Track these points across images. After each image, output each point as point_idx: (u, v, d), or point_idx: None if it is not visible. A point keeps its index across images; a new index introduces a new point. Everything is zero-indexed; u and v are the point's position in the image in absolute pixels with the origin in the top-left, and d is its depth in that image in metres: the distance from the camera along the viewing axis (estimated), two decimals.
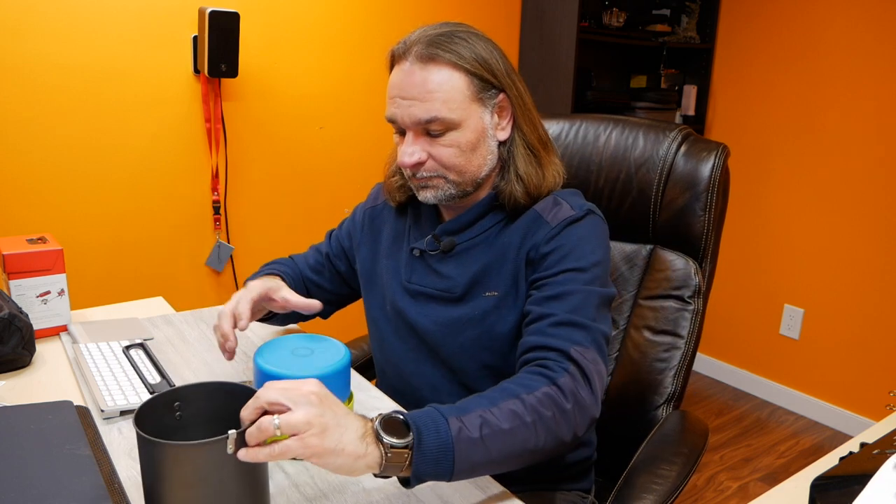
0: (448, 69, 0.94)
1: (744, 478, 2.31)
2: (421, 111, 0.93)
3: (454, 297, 1.02)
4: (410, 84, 0.94)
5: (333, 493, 0.82)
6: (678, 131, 1.23)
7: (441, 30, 0.97)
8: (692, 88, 2.92)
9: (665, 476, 0.95)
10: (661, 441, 1.06)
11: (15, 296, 1.18)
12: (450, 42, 0.95)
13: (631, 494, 0.93)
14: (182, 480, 0.67)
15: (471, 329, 1.01)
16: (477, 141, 0.98)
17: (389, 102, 0.97)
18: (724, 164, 1.18)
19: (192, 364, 1.16)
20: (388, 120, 0.99)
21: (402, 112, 0.95)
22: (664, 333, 1.20)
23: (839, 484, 0.73)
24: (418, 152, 0.97)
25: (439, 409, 0.76)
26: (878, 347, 2.50)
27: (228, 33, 1.92)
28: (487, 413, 0.77)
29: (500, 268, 1.00)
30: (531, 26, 2.64)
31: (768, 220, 2.79)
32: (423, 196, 1.01)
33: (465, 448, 0.73)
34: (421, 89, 0.93)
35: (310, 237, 2.34)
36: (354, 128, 2.35)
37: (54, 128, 1.82)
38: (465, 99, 0.95)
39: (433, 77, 0.93)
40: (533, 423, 0.79)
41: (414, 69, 0.94)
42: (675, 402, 1.18)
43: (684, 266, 1.21)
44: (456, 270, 1.03)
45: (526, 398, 0.79)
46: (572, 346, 0.86)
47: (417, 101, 0.94)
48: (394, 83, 0.97)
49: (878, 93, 2.40)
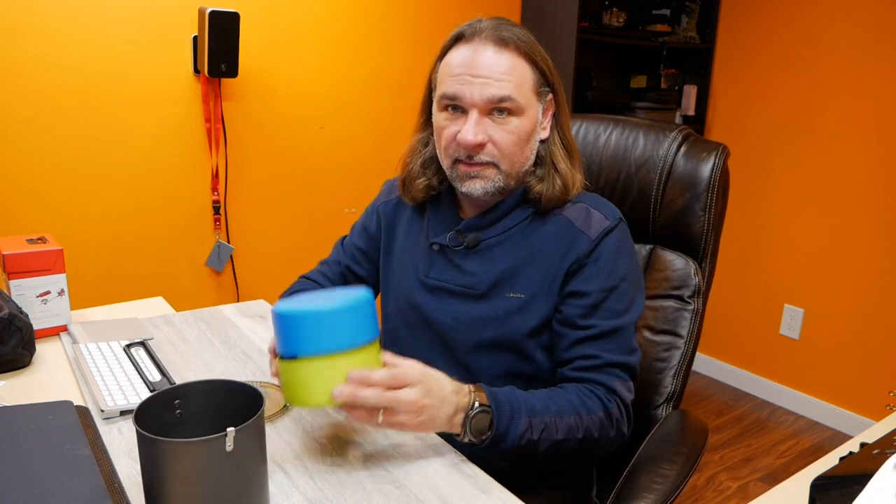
0: (520, 57, 0.96)
1: (744, 478, 2.31)
2: (496, 89, 0.94)
3: (476, 293, 1.02)
4: (484, 63, 0.94)
5: (333, 494, 0.82)
6: (678, 131, 1.23)
7: (509, 21, 1.00)
8: (692, 88, 2.92)
9: (665, 475, 0.96)
10: (661, 440, 1.06)
11: (15, 296, 1.18)
12: (522, 31, 0.97)
13: (632, 494, 0.93)
14: (182, 478, 0.67)
15: (491, 328, 1.01)
16: (531, 132, 1.00)
17: (453, 79, 0.96)
18: (724, 165, 1.18)
19: (193, 364, 1.16)
20: (446, 97, 0.97)
21: (471, 89, 0.94)
22: (664, 333, 1.21)
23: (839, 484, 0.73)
24: (482, 133, 0.96)
25: (520, 405, 0.90)
26: (878, 347, 2.50)
27: (228, 33, 1.92)
28: (551, 421, 0.91)
29: (529, 271, 1.00)
30: (531, 26, 2.64)
31: (768, 220, 2.79)
32: (468, 187, 1.00)
33: (524, 446, 0.89)
34: (495, 69, 0.94)
35: (310, 237, 2.34)
36: (354, 128, 2.35)
37: (54, 128, 1.82)
38: (529, 89, 0.97)
39: (507, 61, 0.95)
40: (581, 440, 0.93)
41: (488, 50, 0.95)
42: (674, 402, 1.18)
43: (684, 266, 1.21)
44: (480, 267, 1.03)
45: (584, 418, 0.93)
46: (618, 381, 0.98)
47: (492, 80, 0.94)
48: (461, 61, 0.96)
49: (878, 93, 2.40)
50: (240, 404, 0.76)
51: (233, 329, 1.32)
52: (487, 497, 0.83)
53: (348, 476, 0.86)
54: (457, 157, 0.99)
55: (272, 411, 0.99)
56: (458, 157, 0.99)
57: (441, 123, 1.00)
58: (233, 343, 1.25)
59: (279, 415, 0.99)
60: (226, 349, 1.22)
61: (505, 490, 0.84)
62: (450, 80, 0.97)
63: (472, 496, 0.83)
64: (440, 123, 1.00)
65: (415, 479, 0.85)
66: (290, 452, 0.90)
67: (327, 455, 0.90)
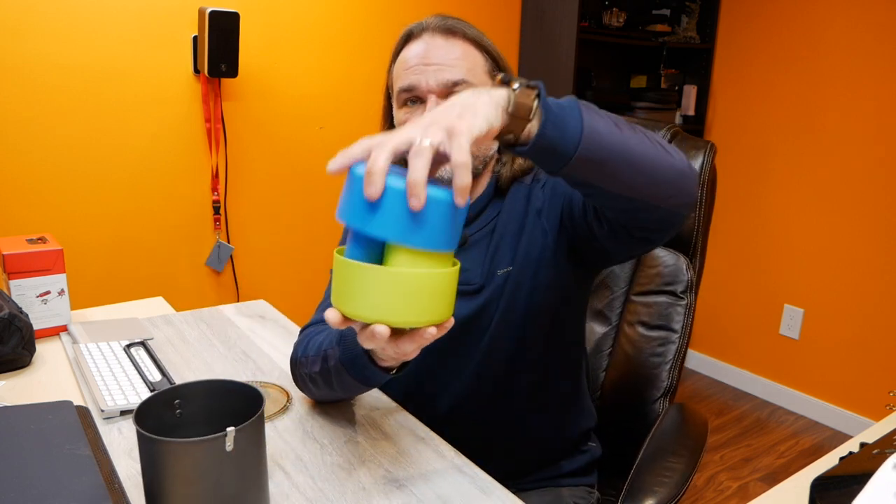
0: (468, 44, 1.00)
1: (744, 478, 2.31)
2: (450, 74, 0.97)
3: (473, 288, 1.03)
4: (435, 52, 0.98)
5: (333, 494, 0.82)
6: (667, 129, 1.25)
7: (454, 17, 1.03)
8: (692, 88, 2.92)
9: (674, 468, 0.97)
10: (665, 435, 1.07)
11: (15, 296, 1.18)
12: (467, 24, 1.01)
13: (643, 488, 0.94)
14: (182, 477, 0.67)
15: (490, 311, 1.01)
16: None
17: (407, 72, 0.99)
18: (712, 162, 1.20)
19: (193, 364, 1.16)
20: (403, 89, 0.99)
21: (426, 77, 0.97)
22: (658, 328, 1.22)
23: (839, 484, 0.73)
24: None
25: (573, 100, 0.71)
26: (878, 347, 2.50)
27: (228, 33, 1.92)
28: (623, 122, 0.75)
29: (507, 244, 1.02)
30: (531, 26, 2.64)
31: (768, 220, 2.79)
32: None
33: (593, 116, 0.70)
34: (446, 56, 0.98)
35: (310, 237, 2.34)
36: (354, 128, 2.36)
37: (54, 128, 1.82)
38: (483, 73, 1.00)
39: (457, 48, 0.99)
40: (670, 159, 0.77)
41: (436, 40, 0.99)
42: (671, 396, 1.20)
43: (675, 262, 1.23)
44: (471, 262, 1.04)
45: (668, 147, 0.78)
46: None
47: (445, 65, 0.97)
48: (414, 53, 0.99)
49: (878, 93, 2.40)
50: (240, 404, 0.76)
51: (233, 329, 1.32)
52: (488, 497, 0.83)
53: (348, 476, 0.86)
54: None
55: (272, 411, 0.99)
56: None
57: (402, 118, 1.02)
58: (233, 343, 1.25)
59: (279, 415, 0.99)
60: (226, 349, 1.22)
61: (506, 490, 0.85)
62: (405, 74, 1.00)
63: (473, 496, 0.83)
64: (401, 119, 1.02)
65: (415, 479, 0.85)
66: (290, 452, 0.90)
67: (327, 455, 0.90)
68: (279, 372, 1.14)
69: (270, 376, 1.13)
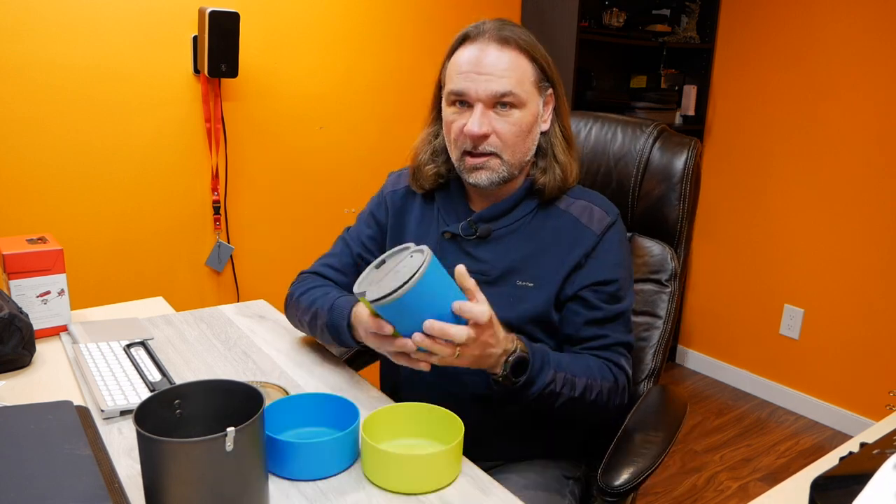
0: (520, 54, 1.05)
1: (744, 478, 2.31)
2: (498, 85, 1.03)
3: (487, 279, 1.09)
4: (487, 61, 1.03)
5: (333, 494, 0.82)
6: (654, 127, 1.32)
7: (511, 22, 1.09)
8: (692, 88, 2.92)
9: (653, 441, 1.05)
10: (646, 411, 1.15)
11: (15, 296, 1.18)
12: (522, 31, 1.06)
13: (625, 457, 1.01)
14: (181, 477, 0.67)
15: (499, 312, 1.03)
16: (532, 124, 1.08)
17: (459, 77, 1.05)
18: (696, 158, 1.27)
19: (193, 364, 1.16)
20: (454, 93, 1.06)
21: (476, 86, 1.03)
22: (644, 314, 1.29)
23: (839, 484, 0.73)
24: (487, 125, 1.05)
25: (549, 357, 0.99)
26: (878, 347, 2.50)
27: (228, 33, 1.92)
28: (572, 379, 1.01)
29: (537, 261, 1.09)
30: (531, 26, 2.64)
31: (768, 220, 2.79)
32: (474, 178, 1.08)
33: (546, 395, 0.99)
34: (497, 67, 1.03)
35: (310, 237, 2.34)
36: (354, 128, 2.35)
37: (54, 128, 1.82)
38: (530, 83, 1.06)
39: (508, 58, 1.04)
40: (592, 402, 1.03)
41: (490, 48, 1.04)
42: (654, 378, 1.26)
43: (661, 252, 1.30)
44: (492, 255, 1.11)
45: (599, 383, 1.04)
46: (623, 359, 1.10)
47: (495, 76, 1.03)
48: (467, 59, 1.05)
49: (878, 92, 2.40)
50: (240, 404, 0.77)
51: (233, 329, 1.32)
52: (487, 497, 0.83)
53: (348, 476, 0.86)
54: (465, 149, 1.08)
55: None
56: (465, 149, 1.08)
57: (450, 117, 1.09)
58: (233, 343, 1.25)
59: None
60: (226, 349, 1.22)
61: (505, 490, 0.85)
62: (457, 78, 1.06)
63: (473, 496, 0.83)
64: (449, 117, 1.09)
65: None
66: None
67: None
68: (279, 372, 1.14)
69: (270, 376, 1.13)
